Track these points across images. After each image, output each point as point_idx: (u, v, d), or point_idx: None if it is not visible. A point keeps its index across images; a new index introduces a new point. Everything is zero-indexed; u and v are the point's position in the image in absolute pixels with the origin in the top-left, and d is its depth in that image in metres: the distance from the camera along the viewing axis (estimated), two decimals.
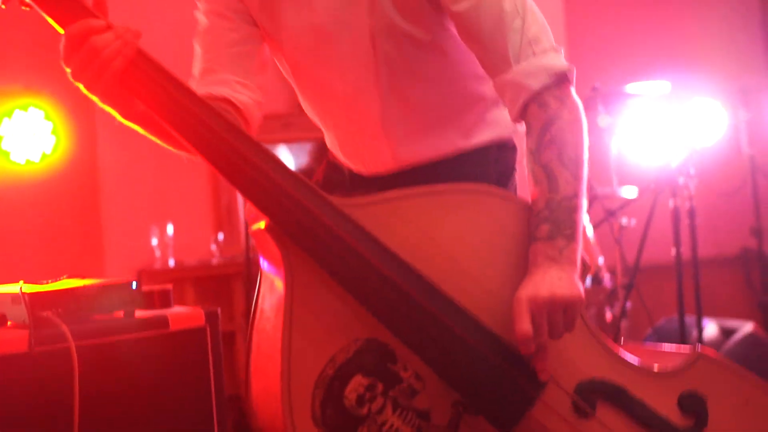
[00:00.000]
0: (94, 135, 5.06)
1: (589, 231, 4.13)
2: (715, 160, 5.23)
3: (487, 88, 1.80)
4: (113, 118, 1.59)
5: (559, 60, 1.65)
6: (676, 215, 4.08)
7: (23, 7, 1.53)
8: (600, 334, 1.67)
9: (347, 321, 1.55)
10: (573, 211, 1.58)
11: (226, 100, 1.76)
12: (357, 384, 1.54)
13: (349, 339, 1.54)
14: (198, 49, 1.83)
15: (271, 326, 1.58)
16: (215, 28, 1.80)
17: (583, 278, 1.61)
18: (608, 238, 4.46)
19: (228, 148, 1.50)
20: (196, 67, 1.82)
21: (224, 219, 5.35)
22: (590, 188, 4.18)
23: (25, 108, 4.89)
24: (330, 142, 1.98)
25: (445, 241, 1.60)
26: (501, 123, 1.87)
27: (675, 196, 4.07)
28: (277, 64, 1.89)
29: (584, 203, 1.61)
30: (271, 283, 1.61)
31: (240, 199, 5.34)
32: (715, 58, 6.56)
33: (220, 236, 5.16)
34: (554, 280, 1.52)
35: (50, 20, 1.51)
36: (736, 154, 6.03)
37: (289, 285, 1.54)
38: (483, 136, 1.87)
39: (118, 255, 5.07)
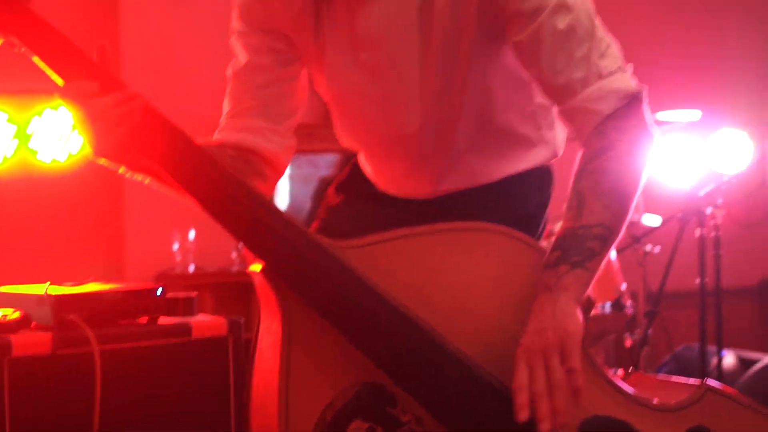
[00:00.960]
0: None
1: (613, 256, 4.11)
2: (739, 190, 5.20)
3: (531, 127, 1.78)
4: None
5: (626, 81, 1.59)
6: (702, 245, 4.06)
7: (20, 49, 1.44)
8: (604, 370, 1.60)
9: (345, 365, 1.50)
10: (588, 239, 1.51)
11: (254, 152, 1.73)
12: (356, 428, 1.49)
13: (347, 383, 1.50)
14: (231, 82, 1.77)
15: (268, 368, 1.54)
16: (250, 65, 1.74)
17: (585, 314, 1.55)
18: (632, 264, 4.44)
19: (224, 195, 1.46)
20: (227, 104, 1.77)
21: None
22: None
23: (55, 107, 4.90)
24: (364, 162, 1.94)
25: (451, 283, 1.54)
26: (542, 152, 1.84)
27: (702, 226, 4.05)
28: (313, 83, 1.84)
29: (612, 236, 1.53)
30: (269, 325, 1.57)
31: None
32: (743, 89, 6.54)
33: (241, 244, 5.16)
34: (547, 320, 1.45)
35: (48, 71, 1.43)
36: (761, 185, 6.00)
37: (286, 328, 1.50)
38: (524, 164, 1.83)
39: (138, 257, 5.08)
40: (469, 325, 1.54)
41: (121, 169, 1.54)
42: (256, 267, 1.52)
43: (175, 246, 4.99)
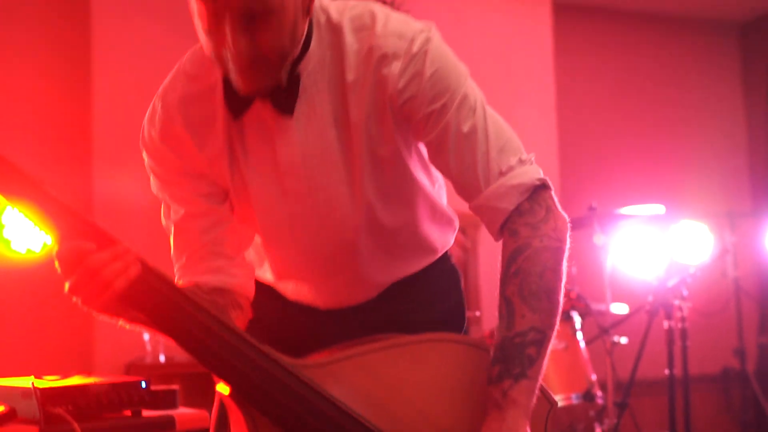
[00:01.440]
0: None
1: (582, 346, 4.18)
2: (701, 281, 5.32)
3: (440, 227, 1.85)
4: (110, 211, 1.52)
5: (527, 174, 1.61)
6: (670, 336, 4.15)
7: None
8: None
9: None
10: (525, 346, 1.52)
11: (222, 289, 1.70)
12: None
13: None
14: (173, 233, 1.73)
15: None
16: (187, 215, 1.70)
17: (546, 417, 1.59)
18: (600, 354, 4.51)
19: (205, 335, 1.45)
20: (177, 256, 1.73)
21: None
22: (585, 305, 4.26)
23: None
24: (287, 290, 1.90)
25: (414, 395, 1.58)
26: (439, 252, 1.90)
27: (670, 318, 4.14)
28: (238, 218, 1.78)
29: (546, 336, 1.55)
30: None
31: None
32: (704, 184, 6.76)
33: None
34: None
35: (38, 226, 1.39)
36: (721, 276, 6.13)
37: None
38: (448, 243, 1.90)
39: (108, 347, 5.06)
40: None
41: (120, 322, 1.50)
42: (224, 389, 1.52)
43: (146, 336, 4.97)
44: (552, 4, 6.42)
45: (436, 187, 1.83)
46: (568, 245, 1.61)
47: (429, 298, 1.87)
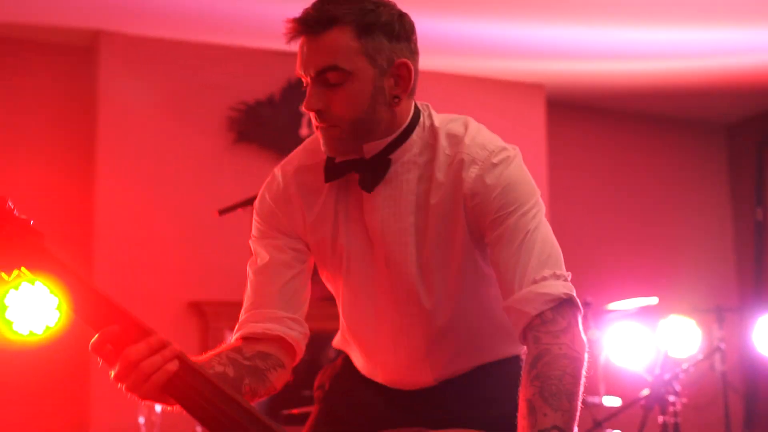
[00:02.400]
0: None
1: None
2: (690, 374, 5.41)
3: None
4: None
5: (556, 287, 1.71)
6: (665, 431, 4.22)
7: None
8: None
9: None
10: None
11: (279, 339, 1.85)
12: None
13: None
14: (252, 277, 1.90)
15: None
16: (273, 264, 1.88)
17: None
18: None
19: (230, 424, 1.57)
20: (248, 298, 1.89)
21: None
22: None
23: (32, 282, 5.01)
24: (358, 361, 2.04)
25: None
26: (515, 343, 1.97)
27: (664, 413, 4.22)
28: (327, 285, 1.99)
29: None
30: None
31: None
32: (692, 280, 6.89)
33: None
34: None
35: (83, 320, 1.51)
36: (709, 370, 6.21)
37: None
38: (512, 347, 1.99)
39: (104, 430, 5.08)
40: None
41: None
42: None
43: (141, 419, 5.00)
44: (546, 101, 6.63)
45: None
46: (586, 361, 1.70)
47: (488, 398, 1.93)
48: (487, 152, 1.79)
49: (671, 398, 4.24)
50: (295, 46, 1.76)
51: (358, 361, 2.03)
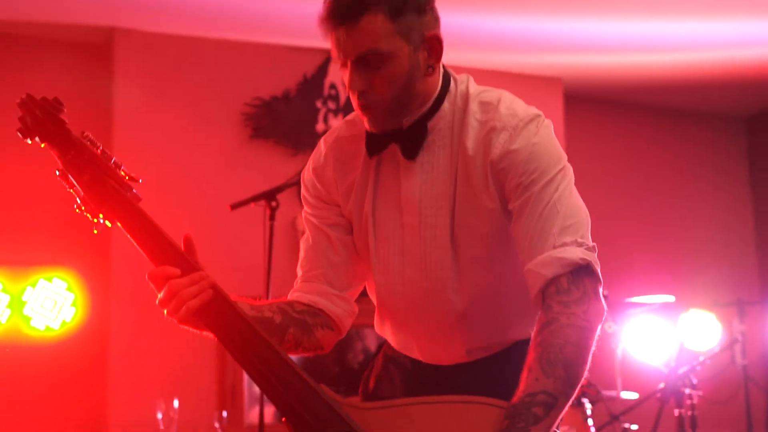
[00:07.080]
0: (107, 309, 5.19)
1: None
2: (710, 368, 5.37)
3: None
4: (127, 294, 1.81)
5: (575, 253, 1.75)
6: (680, 424, 4.19)
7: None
8: None
9: None
10: (533, 405, 1.63)
11: (323, 313, 1.96)
12: None
13: None
14: (303, 253, 2.03)
15: None
16: (321, 243, 2.00)
17: None
18: None
19: (260, 360, 1.73)
20: (300, 269, 2.02)
21: (228, 398, 5.41)
22: (596, 391, 4.29)
23: (49, 278, 5.06)
24: (393, 336, 2.08)
25: None
26: None
27: (681, 406, 4.19)
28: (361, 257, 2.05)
29: (557, 402, 1.65)
30: None
31: (246, 379, 5.41)
32: (713, 273, 6.84)
33: (224, 414, 5.21)
34: None
35: (145, 255, 1.77)
36: (730, 364, 6.17)
37: None
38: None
39: (122, 426, 5.10)
40: None
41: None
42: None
43: (159, 415, 5.01)
44: (564, 95, 6.60)
45: None
46: (598, 331, 1.74)
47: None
48: (517, 119, 1.85)
49: (687, 391, 4.20)
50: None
51: (392, 338, 2.08)
